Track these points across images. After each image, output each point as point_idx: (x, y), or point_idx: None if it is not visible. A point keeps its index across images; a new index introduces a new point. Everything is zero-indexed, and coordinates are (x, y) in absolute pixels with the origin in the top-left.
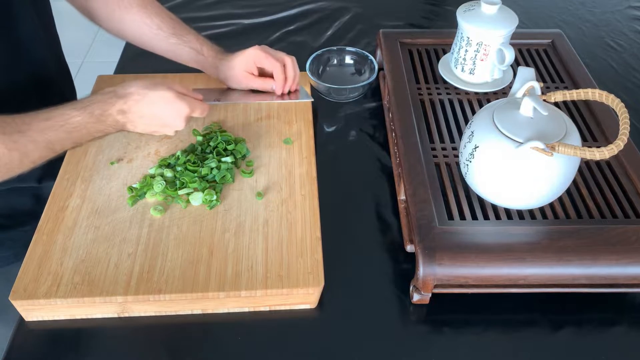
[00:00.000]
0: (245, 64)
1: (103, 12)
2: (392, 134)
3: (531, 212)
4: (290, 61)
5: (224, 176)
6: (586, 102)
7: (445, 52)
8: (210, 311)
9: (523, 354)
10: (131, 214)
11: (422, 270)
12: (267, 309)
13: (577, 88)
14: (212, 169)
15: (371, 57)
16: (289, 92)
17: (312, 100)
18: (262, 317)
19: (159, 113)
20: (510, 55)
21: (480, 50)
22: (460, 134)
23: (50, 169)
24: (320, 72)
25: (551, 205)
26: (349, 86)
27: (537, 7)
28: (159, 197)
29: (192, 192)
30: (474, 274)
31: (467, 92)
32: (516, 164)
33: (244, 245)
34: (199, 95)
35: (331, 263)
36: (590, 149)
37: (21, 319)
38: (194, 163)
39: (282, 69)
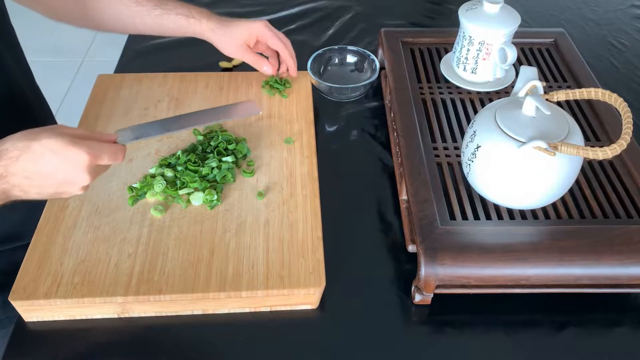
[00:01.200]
0: (248, 37)
1: (71, 6)
2: (394, 134)
3: (533, 212)
4: (289, 43)
5: (225, 176)
6: (589, 102)
7: (447, 51)
8: (210, 312)
9: (525, 354)
10: (131, 214)
11: (424, 270)
12: (268, 309)
13: (579, 87)
14: (212, 168)
15: (372, 56)
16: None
17: (260, 112)
18: (263, 318)
19: (48, 169)
20: (512, 54)
21: (482, 49)
22: (462, 133)
23: None
24: (321, 71)
25: (553, 205)
26: (351, 85)
27: (539, 6)
28: (160, 196)
29: (192, 192)
30: (476, 274)
31: (469, 92)
32: (519, 163)
33: (245, 245)
34: (110, 136)
35: (332, 263)
36: (593, 149)
37: (20, 319)
38: (194, 163)
39: (285, 50)
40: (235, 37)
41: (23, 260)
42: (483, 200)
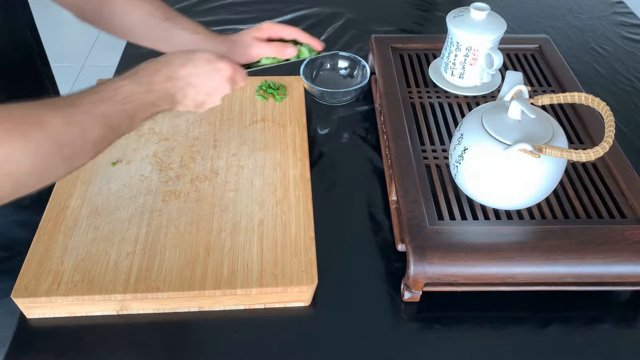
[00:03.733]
0: (259, 33)
1: (89, 5)
2: (384, 137)
3: (519, 212)
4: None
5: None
6: (572, 105)
7: (435, 57)
8: (206, 309)
9: (512, 350)
10: (130, 214)
11: (413, 269)
12: (262, 306)
13: (563, 92)
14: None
15: (363, 61)
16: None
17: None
18: (257, 315)
19: (204, 78)
20: (498, 59)
21: (469, 54)
22: (450, 136)
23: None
24: (314, 76)
25: (539, 205)
26: (342, 90)
27: (524, 13)
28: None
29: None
30: (463, 272)
31: (456, 96)
32: (504, 165)
33: (240, 244)
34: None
35: (324, 262)
36: (576, 151)
37: (23, 316)
38: None
39: (301, 33)
40: (244, 40)
41: (25, 259)
42: (470, 201)
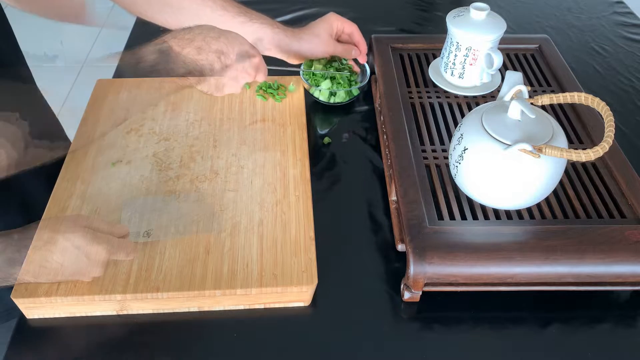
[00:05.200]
0: (330, 29)
1: (156, 4)
2: (384, 137)
3: (519, 212)
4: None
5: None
6: (572, 105)
7: (435, 57)
8: (206, 309)
9: (511, 350)
10: (130, 214)
11: (413, 269)
12: (262, 306)
13: (563, 92)
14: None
15: None
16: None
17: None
18: (257, 315)
19: (67, 263)
20: (498, 59)
21: (469, 54)
22: (450, 136)
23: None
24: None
25: (538, 205)
26: (342, 90)
27: (524, 13)
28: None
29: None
30: (463, 272)
31: (456, 96)
32: (504, 165)
33: (240, 244)
34: (123, 228)
35: (324, 262)
36: (576, 151)
37: (22, 316)
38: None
39: (358, 32)
40: (322, 35)
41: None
42: (470, 201)
